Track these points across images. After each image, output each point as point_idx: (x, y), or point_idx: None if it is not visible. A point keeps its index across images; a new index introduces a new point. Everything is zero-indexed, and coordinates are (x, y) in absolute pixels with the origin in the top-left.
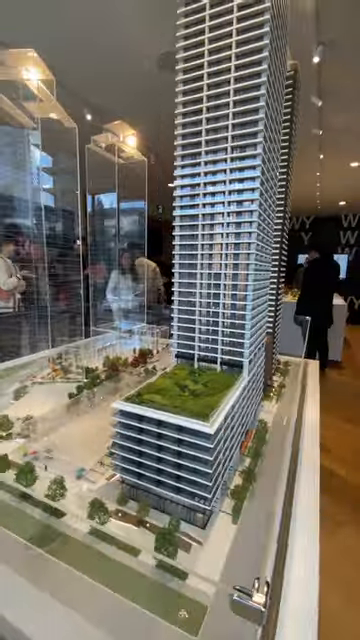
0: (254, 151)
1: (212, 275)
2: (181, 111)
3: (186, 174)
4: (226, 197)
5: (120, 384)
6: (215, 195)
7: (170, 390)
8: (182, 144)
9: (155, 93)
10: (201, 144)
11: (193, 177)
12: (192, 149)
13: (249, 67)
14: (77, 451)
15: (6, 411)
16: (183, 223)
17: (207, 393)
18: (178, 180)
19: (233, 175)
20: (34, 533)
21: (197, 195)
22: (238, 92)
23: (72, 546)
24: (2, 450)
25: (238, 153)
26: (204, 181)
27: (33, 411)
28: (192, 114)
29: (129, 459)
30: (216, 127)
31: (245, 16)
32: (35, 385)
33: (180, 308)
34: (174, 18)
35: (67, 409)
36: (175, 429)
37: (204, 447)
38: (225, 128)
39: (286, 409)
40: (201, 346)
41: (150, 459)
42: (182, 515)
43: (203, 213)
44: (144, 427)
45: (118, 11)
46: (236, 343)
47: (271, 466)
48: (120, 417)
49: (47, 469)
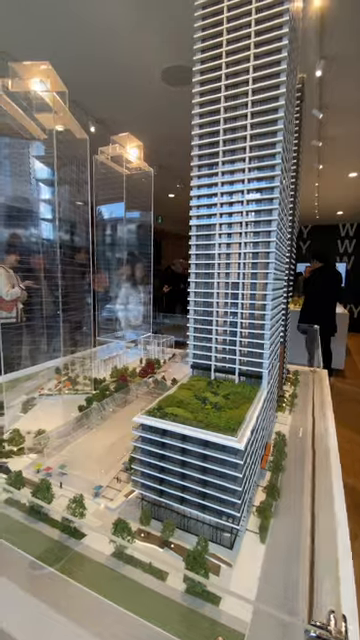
0: (273, 161)
1: (229, 284)
2: (198, 122)
3: (203, 184)
4: (244, 207)
5: (130, 395)
6: (233, 205)
7: (191, 403)
8: (199, 154)
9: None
10: (218, 154)
11: (210, 187)
12: (209, 159)
13: (268, 79)
14: (91, 467)
15: (15, 424)
16: (199, 233)
17: (229, 406)
18: (194, 190)
19: (251, 185)
20: (55, 556)
21: (214, 205)
22: (256, 104)
23: (96, 570)
24: (15, 466)
25: (257, 163)
26: (221, 191)
27: (43, 424)
28: (209, 125)
29: (150, 475)
30: (234, 137)
31: (264, 30)
32: (43, 397)
33: (196, 318)
34: (178, 33)
35: (78, 422)
36: (201, 444)
37: (232, 463)
38: (243, 138)
39: (300, 420)
40: (218, 357)
41: (173, 475)
42: (208, 535)
43: (220, 222)
44: (167, 442)
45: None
46: (255, 353)
47: (293, 480)
48: (141, 431)
49: (62, 486)
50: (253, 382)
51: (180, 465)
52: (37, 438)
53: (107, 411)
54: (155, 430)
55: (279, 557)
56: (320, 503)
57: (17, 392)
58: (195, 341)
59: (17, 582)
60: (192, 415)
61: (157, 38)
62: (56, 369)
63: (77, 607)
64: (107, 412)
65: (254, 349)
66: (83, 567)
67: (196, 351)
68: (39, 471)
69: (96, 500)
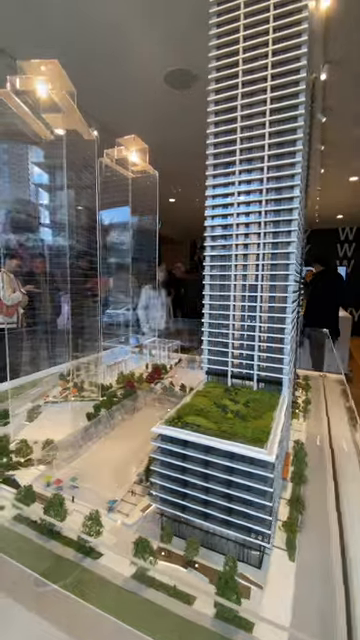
0: (293, 159)
1: (247, 287)
2: (213, 120)
3: (218, 183)
4: (263, 206)
5: (138, 402)
6: (250, 204)
7: (211, 411)
8: (214, 153)
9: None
10: (235, 152)
11: (226, 186)
12: (226, 158)
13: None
14: (104, 479)
15: (21, 434)
16: (214, 233)
17: (252, 415)
18: (209, 190)
19: (270, 184)
20: (70, 578)
21: (231, 204)
22: (275, 100)
23: (115, 593)
24: (23, 479)
25: (276, 161)
26: (238, 190)
27: (50, 434)
28: (225, 123)
29: (171, 489)
30: (252, 135)
31: (282, 37)
32: (48, 405)
33: (211, 322)
34: (182, 36)
35: (87, 431)
36: (226, 456)
37: (262, 477)
38: (262, 136)
39: (316, 427)
40: (234, 362)
41: (195, 489)
42: (233, 552)
43: (237, 222)
44: (189, 454)
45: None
46: (274, 358)
47: (316, 491)
48: (161, 443)
49: (74, 500)
50: (272, 389)
51: (203, 478)
52: (46, 449)
53: (116, 419)
54: (176, 441)
55: (311, 577)
56: (346, 516)
57: (22, 400)
58: (210, 346)
59: (28, 605)
60: (215, 425)
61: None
62: (60, 375)
63: (95, 634)
64: (116, 420)
65: (274, 354)
66: (101, 590)
67: (211, 356)
68: (49, 484)
69: (111, 516)
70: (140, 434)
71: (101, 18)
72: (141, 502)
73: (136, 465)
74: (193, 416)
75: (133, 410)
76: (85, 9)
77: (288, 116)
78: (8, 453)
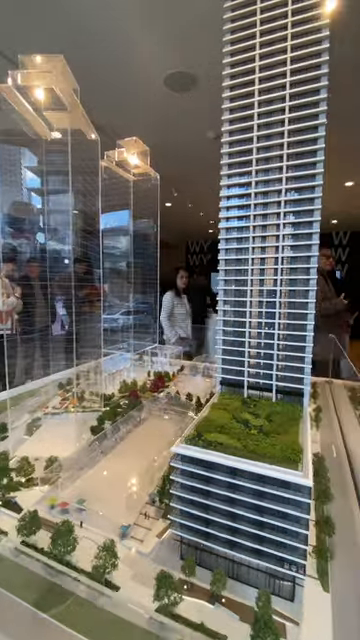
0: (314, 158)
1: (264, 292)
2: (228, 117)
3: (233, 183)
4: (282, 208)
5: (143, 413)
6: (267, 206)
7: (233, 427)
8: (229, 152)
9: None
10: (252, 151)
11: (242, 187)
12: (241, 157)
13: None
14: (113, 499)
15: (21, 449)
16: (229, 236)
17: (276, 430)
18: (224, 190)
19: (290, 184)
20: (85, 619)
21: (247, 206)
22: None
23: (137, 635)
24: (24, 501)
25: (295, 160)
26: (255, 191)
27: (51, 449)
28: (240, 121)
29: (192, 515)
30: (269, 133)
31: (301, 45)
32: (48, 416)
33: (226, 329)
34: (182, 39)
35: (91, 446)
36: (255, 479)
37: (296, 502)
38: (280, 134)
39: (329, 437)
40: (251, 372)
41: (220, 515)
42: (263, 584)
43: (254, 225)
44: (213, 476)
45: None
46: (295, 368)
47: (341, 509)
48: (181, 464)
49: (83, 525)
50: (292, 400)
51: (229, 503)
52: (50, 469)
53: (121, 432)
54: (198, 462)
55: (349, 609)
56: None
57: (20, 411)
58: (224, 355)
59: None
60: (239, 443)
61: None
62: (59, 384)
63: None
64: (121, 433)
65: (294, 363)
66: (120, 632)
67: (226, 365)
68: (53, 507)
69: (124, 542)
70: (148, 448)
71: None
72: (155, 525)
73: (147, 483)
74: (215, 433)
75: (139, 422)
76: (85, 13)
77: (308, 113)
78: (8, 472)
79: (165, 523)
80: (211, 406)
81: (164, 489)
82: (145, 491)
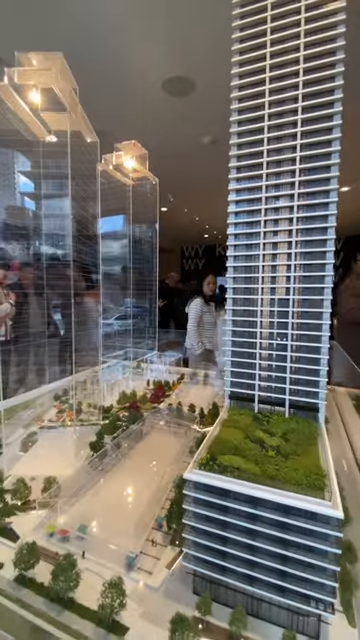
0: (328, 161)
1: (276, 301)
2: (237, 119)
3: (243, 187)
4: (295, 213)
5: (145, 426)
6: (279, 211)
7: (248, 448)
8: (238, 154)
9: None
10: (263, 154)
11: (252, 191)
12: (251, 159)
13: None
14: (116, 524)
15: (16, 467)
16: (238, 242)
17: (295, 451)
18: (232, 195)
19: (303, 188)
20: None
21: (257, 211)
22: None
23: None
24: (20, 526)
25: (308, 164)
26: (266, 195)
27: (49, 466)
28: (250, 122)
29: (207, 547)
30: (281, 135)
31: (315, 42)
32: (44, 431)
33: (235, 340)
34: (182, 42)
35: (91, 464)
36: (277, 509)
37: (324, 535)
38: (292, 136)
39: (339, 449)
40: (262, 385)
41: (239, 548)
42: (285, 621)
43: (265, 231)
44: (231, 506)
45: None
46: (309, 381)
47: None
48: (194, 491)
49: (85, 556)
50: (306, 415)
51: (248, 535)
52: (48, 493)
53: (124, 448)
54: (214, 490)
55: None
56: None
57: (14, 425)
58: (234, 367)
59: None
60: (257, 466)
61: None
62: (55, 395)
63: None
64: (124, 449)
65: (308, 376)
66: None
67: (235, 379)
68: (52, 534)
69: (132, 575)
70: (151, 466)
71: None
72: (163, 553)
73: (152, 506)
74: (229, 455)
75: (141, 436)
76: (82, 17)
77: (323, 114)
78: (3, 494)
79: (174, 551)
80: (221, 423)
81: (172, 513)
82: (151, 515)
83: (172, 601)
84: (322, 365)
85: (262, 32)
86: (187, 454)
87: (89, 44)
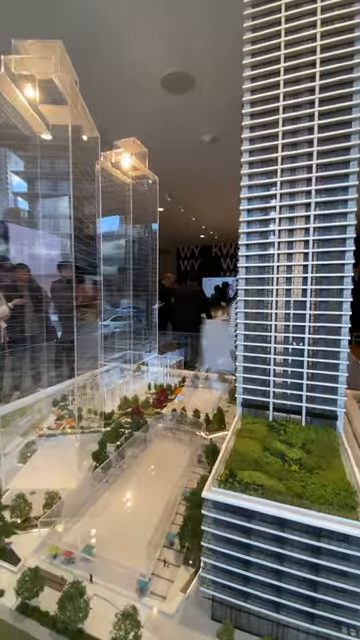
0: (347, 155)
1: (292, 303)
2: (249, 111)
3: (256, 183)
4: (311, 211)
5: (149, 433)
6: (295, 208)
7: (268, 462)
8: (250, 149)
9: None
10: (277, 148)
11: (266, 187)
12: (264, 154)
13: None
14: (125, 544)
15: (14, 480)
16: (251, 241)
17: (319, 464)
18: (244, 191)
19: (320, 185)
20: None
21: (271, 208)
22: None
23: None
24: (21, 547)
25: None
26: (281, 192)
27: (49, 479)
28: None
29: (228, 571)
30: (296, 129)
31: (334, 32)
32: (42, 439)
33: (247, 344)
34: (180, 39)
35: (95, 477)
36: (306, 531)
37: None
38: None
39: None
40: (276, 392)
41: (263, 572)
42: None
43: (280, 229)
44: (254, 527)
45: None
46: (327, 388)
47: None
48: (214, 512)
49: (93, 580)
50: (324, 423)
51: (274, 559)
52: (51, 510)
53: (128, 457)
54: (236, 510)
55: None
56: None
57: (11, 434)
58: (246, 373)
59: None
60: (280, 483)
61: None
62: (53, 401)
63: None
64: (128, 459)
65: (326, 382)
66: None
67: (248, 385)
68: (56, 556)
69: (144, 601)
70: (157, 477)
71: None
72: (177, 575)
73: (162, 521)
74: (249, 471)
75: (145, 443)
76: (81, 12)
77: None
78: (1, 511)
79: (188, 571)
80: (236, 434)
81: (185, 530)
82: (161, 531)
83: (189, 629)
84: (341, 371)
85: (276, 20)
86: (195, 463)
87: (88, 40)
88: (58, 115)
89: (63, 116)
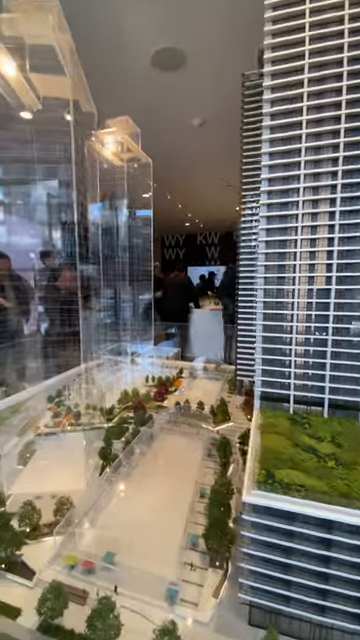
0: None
1: (314, 292)
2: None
3: (277, 163)
4: (338, 193)
5: (155, 428)
6: (319, 190)
7: (302, 459)
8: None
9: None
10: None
11: (287, 167)
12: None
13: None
14: (146, 548)
15: (16, 484)
16: (271, 225)
17: (355, 460)
18: (265, 172)
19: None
20: None
21: (293, 190)
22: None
23: None
24: (33, 559)
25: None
26: (304, 172)
27: (54, 482)
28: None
29: (269, 576)
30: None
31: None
32: (41, 438)
33: (266, 335)
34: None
35: (103, 476)
36: (356, 532)
37: None
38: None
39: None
40: (297, 384)
41: (308, 576)
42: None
43: (303, 212)
44: (297, 530)
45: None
46: (350, 378)
47: None
48: (254, 515)
49: (118, 591)
50: (347, 414)
51: (320, 561)
52: (64, 519)
53: (136, 453)
54: (277, 514)
55: None
56: None
57: (6, 433)
58: (265, 365)
59: None
60: (324, 483)
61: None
62: (49, 397)
63: None
64: (136, 456)
65: (351, 373)
66: None
67: (266, 377)
68: (73, 567)
69: (177, 610)
70: (169, 474)
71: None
72: (206, 578)
73: (182, 522)
74: (286, 470)
75: (151, 439)
76: None
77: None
78: (8, 521)
79: (216, 574)
80: (260, 429)
81: (210, 531)
82: (182, 533)
83: (226, 636)
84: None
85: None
86: (206, 457)
87: (76, 11)
88: (54, 85)
89: (57, 87)
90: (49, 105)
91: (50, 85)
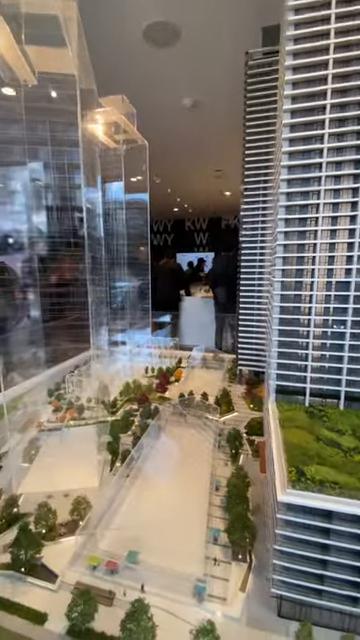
0: None
1: (333, 284)
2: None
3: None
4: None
5: (161, 421)
6: (340, 179)
7: (329, 454)
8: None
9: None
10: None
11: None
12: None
13: None
14: (167, 545)
15: (24, 483)
16: (290, 215)
17: None
18: (284, 158)
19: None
20: None
21: (315, 179)
22: None
23: None
24: (52, 561)
25: None
26: (327, 160)
27: (64, 480)
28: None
29: (301, 571)
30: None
31: None
32: (45, 434)
33: (282, 329)
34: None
35: (114, 472)
36: None
37: None
38: None
39: None
40: (313, 377)
41: (342, 570)
42: None
43: (325, 202)
44: (333, 527)
45: None
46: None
47: None
48: (289, 514)
49: (144, 589)
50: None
51: (355, 556)
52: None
53: (146, 447)
54: (313, 512)
55: None
56: None
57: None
58: (280, 358)
59: None
60: (355, 479)
61: None
62: (49, 391)
63: None
64: (146, 449)
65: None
66: None
67: (282, 371)
68: (95, 568)
69: (205, 605)
70: (181, 467)
71: None
72: (228, 571)
73: (197, 514)
74: (315, 466)
75: (158, 431)
76: None
77: None
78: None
79: (240, 567)
80: (280, 424)
81: (234, 525)
82: (202, 527)
83: (258, 630)
84: None
85: None
86: (216, 449)
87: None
88: (53, 58)
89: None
90: (47, 80)
91: (52, 58)
